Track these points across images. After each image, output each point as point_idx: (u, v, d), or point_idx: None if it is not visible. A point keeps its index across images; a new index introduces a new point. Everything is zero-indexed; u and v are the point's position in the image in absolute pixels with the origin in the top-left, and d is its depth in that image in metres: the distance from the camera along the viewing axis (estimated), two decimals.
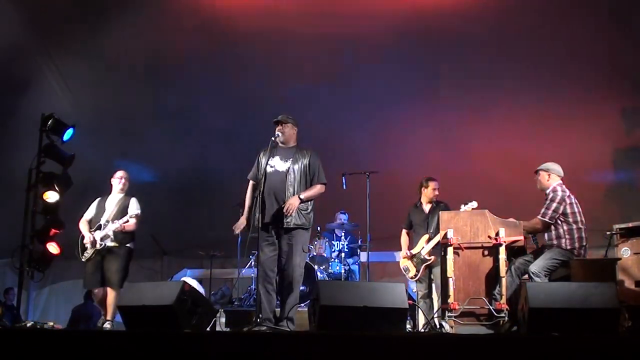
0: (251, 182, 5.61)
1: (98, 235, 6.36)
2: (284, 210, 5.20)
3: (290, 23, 7.58)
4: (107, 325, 6.19)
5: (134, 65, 8.32)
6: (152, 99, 8.71)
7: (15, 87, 8.35)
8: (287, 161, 5.40)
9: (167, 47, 8.08)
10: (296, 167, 5.37)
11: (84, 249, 6.39)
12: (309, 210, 5.39)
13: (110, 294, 6.27)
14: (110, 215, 6.48)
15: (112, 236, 6.37)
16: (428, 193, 6.88)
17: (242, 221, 5.50)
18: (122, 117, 9.06)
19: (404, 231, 7.02)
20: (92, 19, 7.77)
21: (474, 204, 5.90)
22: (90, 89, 8.62)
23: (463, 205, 5.95)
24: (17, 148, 8.28)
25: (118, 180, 6.63)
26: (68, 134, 7.11)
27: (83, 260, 6.38)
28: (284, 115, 5.56)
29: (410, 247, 6.86)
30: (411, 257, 6.74)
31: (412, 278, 6.79)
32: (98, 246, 6.34)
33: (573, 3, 6.77)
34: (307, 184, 5.41)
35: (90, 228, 6.44)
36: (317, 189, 5.41)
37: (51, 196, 6.68)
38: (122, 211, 6.51)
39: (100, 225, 6.42)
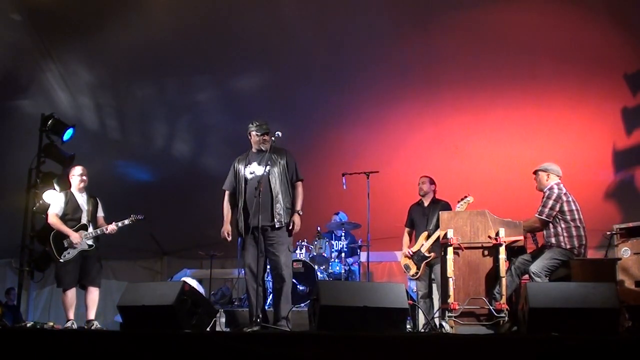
0: (227, 192, 5.71)
1: (85, 235, 6.25)
2: (292, 229, 5.41)
3: (289, 20, 7.59)
4: (97, 324, 6.17)
5: (134, 65, 8.31)
6: (152, 99, 8.71)
7: (16, 87, 8.34)
8: (265, 165, 5.47)
9: (168, 45, 8.07)
10: (275, 168, 5.49)
11: (64, 248, 6.17)
12: (290, 209, 5.50)
13: (94, 293, 6.23)
14: (89, 215, 6.36)
15: (94, 236, 6.31)
16: (418, 189, 6.96)
17: (227, 227, 5.61)
18: (122, 116, 9.06)
19: (405, 230, 7.04)
20: (92, 19, 7.76)
21: (471, 198, 5.90)
22: (90, 89, 8.62)
23: (459, 201, 5.94)
24: (17, 148, 8.28)
25: (79, 178, 6.39)
26: (68, 134, 7.12)
27: (62, 260, 6.13)
28: (268, 124, 5.61)
29: (411, 246, 6.87)
30: (411, 256, 6.74)
31: (413, 276, 6.77)
32: (87, 247, 6.25)
33: (571, 2, 6.76)
34: (287, 183, 5.53)
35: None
36: (300, 190, 5.57)
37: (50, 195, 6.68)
38: (94, 212, 6.43)
39: (85, 225, 6.30)
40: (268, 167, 5.44)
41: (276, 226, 5.36)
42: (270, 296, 7.23)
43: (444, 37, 7.34)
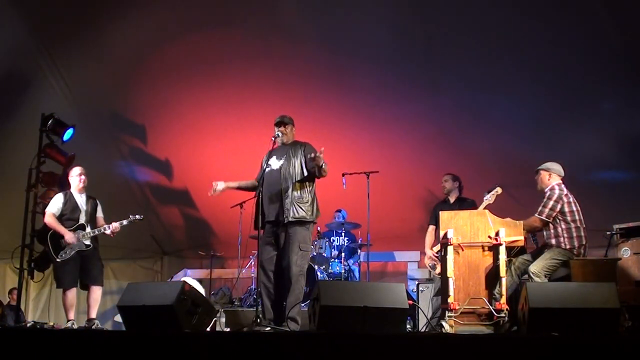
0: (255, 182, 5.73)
1: (82, 235, 6.25)
2: (315, 158, 5.22)
3: (289, 20, 7.60)
4: (98, 324, 6.18)
5: (134, 65, 8.31)
6: (152, 99, 8.70)
7: (15, 87, 8.34)
8: (281, 159, 5.50)
9: (168, 45, 8.07)
10: (290, 161, 5.46)
11: (61, 248, 6.19)
12: (308, 203, 5.42)
13: (97, 292, 6.24)
14: (87, 216, 6.37)
15: (92, 236, 6.31)
16: (442, 188, 6.98)
17: (223, 182, 5.67)
18: (121, 117, 9.06)
19: (429, 228, 6.98)
20: (92, 18, 7.76)
21: (499, 189, 5.86)
22: (90, 89, 8.62)
23: (486, 193, 5.91)
24: (17, 148, 8.28)
25: (78, 179, 6.40)
26: (68, 134, 7.12)
27: (59, 260, 6.14)
28: (285, 116, 5.62)
29: (435, 243, 6.79)
30: (437, 253, 6.63)
31: (439, 274, 6.68)
32: (84, 247, 6.25)
33: (570, 2, 6.77)
34: (304, 174, 5.46)
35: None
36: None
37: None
38: (93, 213, 6.44)
39: (83, 225, 6.31)
40: (282, 162, 5.46)
41: (284, 221, 5.34)
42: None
43: (444, 37, 7.34)
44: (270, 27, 7.66)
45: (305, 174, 5.46)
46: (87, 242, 6.28)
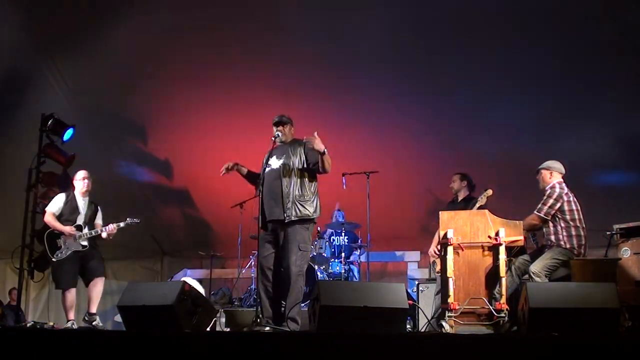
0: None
1: (80, 236, 6.26)
2: (311, 138, 5.24)
3: (288, 19, 7.59)
4: (98, 322, 6.18)
5: (134, 65, 8.31)
6: (152, 99, 8.70)
7: (15, 87, 8.34)
8: (281, 158, 5.49)
9: (168, 45, 8.06)
10: (290, 160, 5.45)
11: (57, 247, 6.22)
12: (311, 200, 5.41)
13: (99, 285, 6.25)
14: (86, 218, 6.39)
15: (89, 237, 6.33)
16: (450, 188, 6.92)
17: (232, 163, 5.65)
18: (122, 117, 9.06)
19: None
20: (93, 18, 7.76)
21: (489, 191, 5.88)
22: (90, 89, 8.62)
23: (480, 197, 5.92)
24: (17, 148, 8.28)
25: (82, 183, 6.44)
26: (68, 134, 7.12)
27: (54, 260, 6.17)
28: (283, 116, 5.62)
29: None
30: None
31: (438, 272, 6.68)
32: (81, 247, 6.26)
33: (572, 3, 6.77)
34: (305, 174, 5.45)
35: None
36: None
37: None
38: (92, 217, 6.46)
39: (80, 226, 6.32)
40: (281, 161, 5.45)
41: (285, 221, 5.33)
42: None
43: (444, 37, 7.34)
44: (270, 27, 7.66)
45: (309, 171, 5.45)
46: (84, 243, 6.29)
